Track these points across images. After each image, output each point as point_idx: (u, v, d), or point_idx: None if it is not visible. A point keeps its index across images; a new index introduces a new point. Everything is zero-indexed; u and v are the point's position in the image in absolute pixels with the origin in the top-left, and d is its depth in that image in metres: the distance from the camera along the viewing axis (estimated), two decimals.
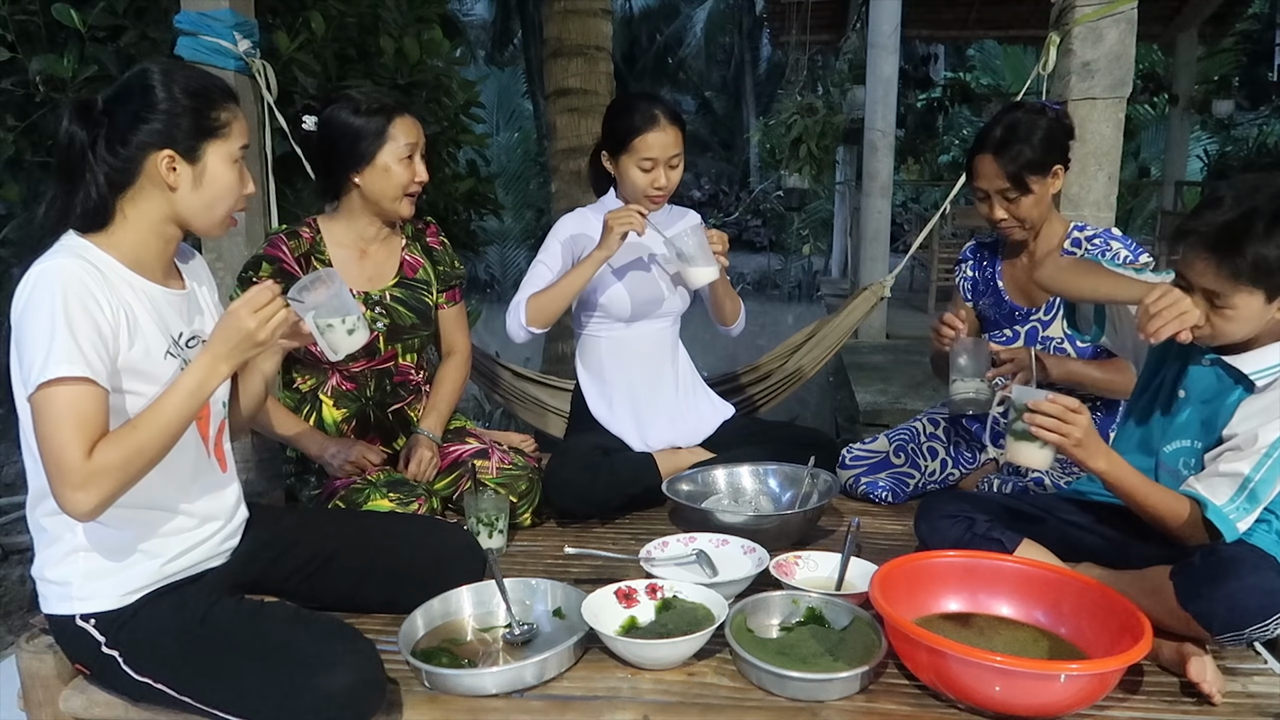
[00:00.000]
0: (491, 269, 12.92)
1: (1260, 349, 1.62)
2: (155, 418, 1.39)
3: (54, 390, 1.32)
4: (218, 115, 1.48)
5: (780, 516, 2.13)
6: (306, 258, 2.16)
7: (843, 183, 9.48)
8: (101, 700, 1.56)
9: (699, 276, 2.30)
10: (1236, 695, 1.53)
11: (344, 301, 1.64)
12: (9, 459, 4.36)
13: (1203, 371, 1.69)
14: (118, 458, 1.34)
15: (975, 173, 2.21)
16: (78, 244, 1.43)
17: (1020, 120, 2.16)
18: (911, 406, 4.16)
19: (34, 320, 1.34)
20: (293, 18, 2.88)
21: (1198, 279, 1.57)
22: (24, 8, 2.71)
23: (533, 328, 2.31)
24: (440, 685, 1.53)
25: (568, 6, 4.13)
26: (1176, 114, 9.12)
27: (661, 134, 2.30)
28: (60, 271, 1.36)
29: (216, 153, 1.49)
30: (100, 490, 1.33)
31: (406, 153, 2.12)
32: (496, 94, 13.76)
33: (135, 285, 1.47)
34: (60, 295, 1.34)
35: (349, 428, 2.25)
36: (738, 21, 19.34)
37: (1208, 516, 1.56)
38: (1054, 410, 1.60)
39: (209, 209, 1.52)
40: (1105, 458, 1.62)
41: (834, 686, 1.49)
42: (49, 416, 1.32)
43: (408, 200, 2.17)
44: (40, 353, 1.32)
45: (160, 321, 1.49)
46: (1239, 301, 1.54)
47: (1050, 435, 1.60)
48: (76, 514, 1.35)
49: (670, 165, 2.34)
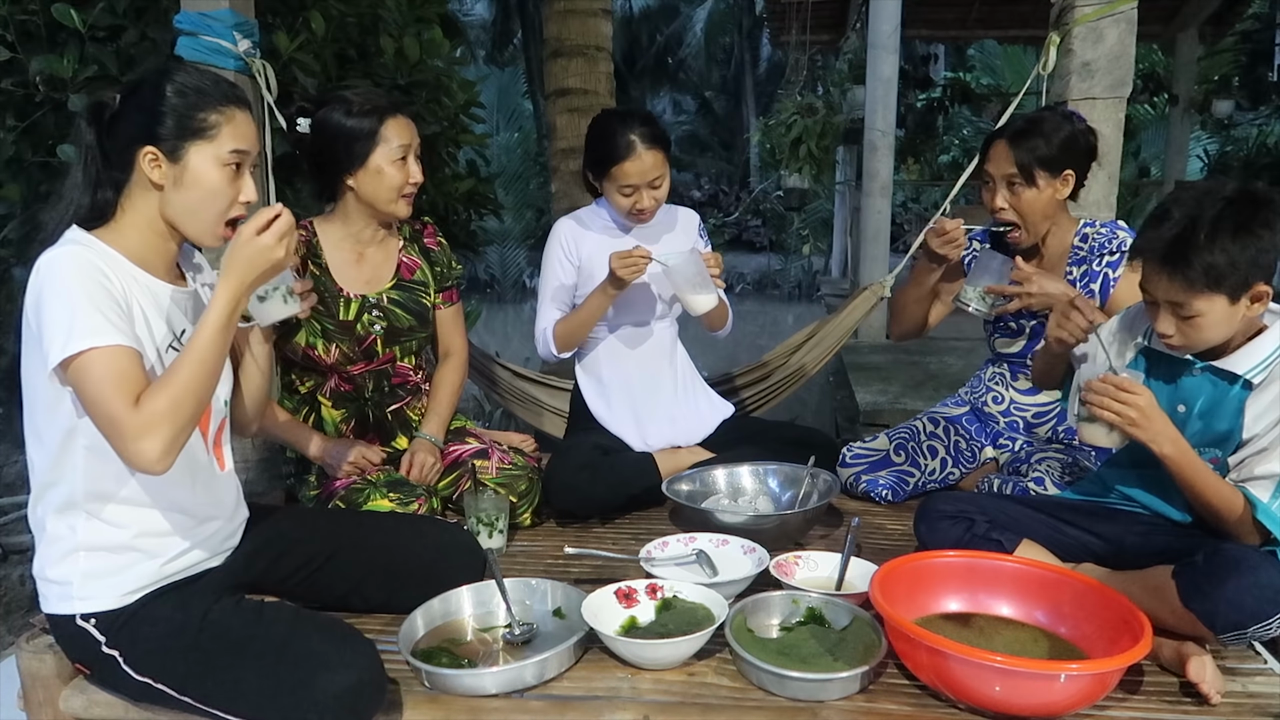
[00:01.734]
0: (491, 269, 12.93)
1: (1244, 347, 1.62)
2: (191, 357, 1.40)
3: (86, 359, 1.34)
4: (205, 117, 1.47)
5: (780, 516, 2.13)
6: (303, 261, 2.16)
7: (843, 183, 9.47)
8: (102, 700, 1.56)
9: (698, 304, 2.31)
10: (1236, 695, 1.53)
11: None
12: (9, 459, 4.36)
13: (1196, 381, 1.69)
14: (166, 402, 1.36)
15: (987, 156, 2.22)
16: (82, 238, 1.45)
17: (1046, 118, 2.19)
18: (911, 406, 4.16)
19: (52, 301, 1.36)
20: (293, 18, 2.88)
21: (1159, 294, 1.59)
22: (24, 8, 2.71)
23: (564, 354, 2.46)
24: (440, 685, 1.53)
25: (568, 6, 4.13)
26: (1176, 114, 9.11)
27: (638, 162, 2.29)
28: (71, 256, 1.39)
29: (201, 154, 1.48)
30: (160, 436, 1.34)
31: (399, 154, 2.11)
32: (496, 94, 13.77)
33: (139, 279, 1.48)
34: (74, 275, 1.37)
35: (348, 428, 2.25)
36: (738, 21, 19.35)
37: (1258, 517, 1.57)
38: (1103, 388, 1.59)
39: (193, 212, 1.50)
40: (1171, 442, 1.61)
41: (834, 686, 1.49)
42: (90, 382, 1.34)
43: (403, 201, 2.16)
44: (63, 329, 1.34)
45: (162, 316, 1.50)
46: (1201, 308, 1.55)
47: (1104, 414, 1.60)
48: (147, 465, 1.36)
49: (652, 186, 2.34)
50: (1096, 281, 2.22)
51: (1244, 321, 1.59)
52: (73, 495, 1.45)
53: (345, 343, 2.17)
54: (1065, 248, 2.28)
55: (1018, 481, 2.23)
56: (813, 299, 11.11)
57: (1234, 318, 1.57)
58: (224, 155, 1.50)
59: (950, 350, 5.55)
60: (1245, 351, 1.62)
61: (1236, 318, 1.57)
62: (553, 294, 2.47)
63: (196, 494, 1.57)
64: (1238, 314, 1.57)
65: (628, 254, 2.24)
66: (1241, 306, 1.56)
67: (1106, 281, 2.21)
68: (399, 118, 2.12)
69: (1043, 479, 2.18)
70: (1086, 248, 2.24)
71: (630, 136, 2.28)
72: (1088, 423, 1.67)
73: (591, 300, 2.36)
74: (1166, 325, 1.60)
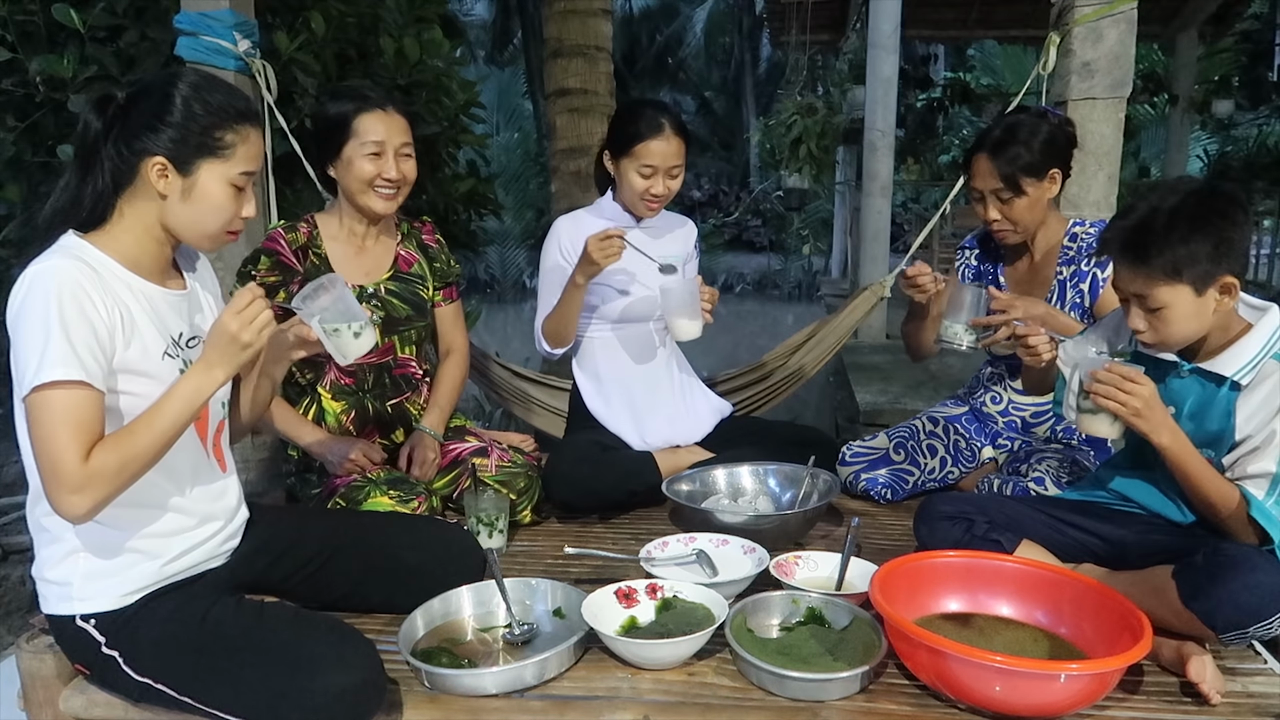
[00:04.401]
0: (491, 269, 12.93)
1: (1230, 348, 1.63)
2: (152, 423, 1.39)
3: (49, 394, 1.32)
4: (222, 136, 1.46)
5: (780, 516, 2.13)
6: (304, 250, 2.18)
7: (843, 183, 9.48)
8: (102, 700, 1.56)
9: (684, 331, 2.30)
10: (1236, 695, 1.53)
11: (349, 306, 1.64)
12: (9, 459, 4.36)
13: (1185, 383, 1.69)
14: (114, 462, 1.35)
15: (972, 172, 2.22)
16: (74, 244, 1.43)
17: (1021, 123, 2.17)
18: (911, 406, 4.16)
19: (28, 323, 1.34)
20: (293, 18, 2.88)
21: (1124, 287, 1.61)
22: (24, 8, 2.71)
23: (557, 350, 2.45)
24: (440, 685, 1.53)
25: (568, 6, 4.12)
26: (1176, 114, 9.12)
27: (665, 143, 2.32)
28: (55, 272, 1.36)
29: (212, 171, 1.47)
30: (95, 494, 1.34)
31: (372, 149, 2.10)
32: (496, 94, 13.77)
33: (133, 285, 1.47)
34: (55, 297, 1.34)
35: (348, 419, 2.25)
36: (738, 21, 19.36)
37: (1252, 514, 1.58)
38: (1109, 378, 1.60)
39: (195, 224, 1.50)
40: (1170, 433, 1.61)
41: (834, 686, 1.49)
42: (45, 420, 1.33)
43: (376, 195, 2.15)
44: (34, 356, 1.32)
45: (159, 322, 1.49)
46: (1165, 298, 1.56)
47: (1108, 403, 1.60)
48: (70, 516, 1.35)
49: (670, 174, 2.36)
50: (1085, 281, 2.22)
51: (1220, 316, 1.60)
52: None
53: None
54: (1054, 246, 2.28)
55: (1018, 481, 2.23)
56: (813, 299, 11.11)
57: (1204, 311, 1.57)
58: (234, 176, 1.49)
59: (950, 350, 5.53)
60: (1232, 352, 1.62)
61: (1207, 311, 1.58)
62: (551, 295, 2.47)
63: (198, 496, 1.57)
64: (1207, 307, 1.57)
65: (605, 235, 2.19)
66: (1209, 299, 1.56)
67: (1095, 282, 2.21)
68: (378, 112, 2.12)
69: (1043, 479, 2.18)
70: (1075, 248, 2.24)
71: (661, 119, 2.33)
72: (1090, 414, 1.68)
73: (567, 291, 2.33)
74: (1137, 320, 1.62)
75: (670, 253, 2.51)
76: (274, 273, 2.14)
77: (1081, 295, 2.22)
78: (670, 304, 2.29)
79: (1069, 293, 2.23)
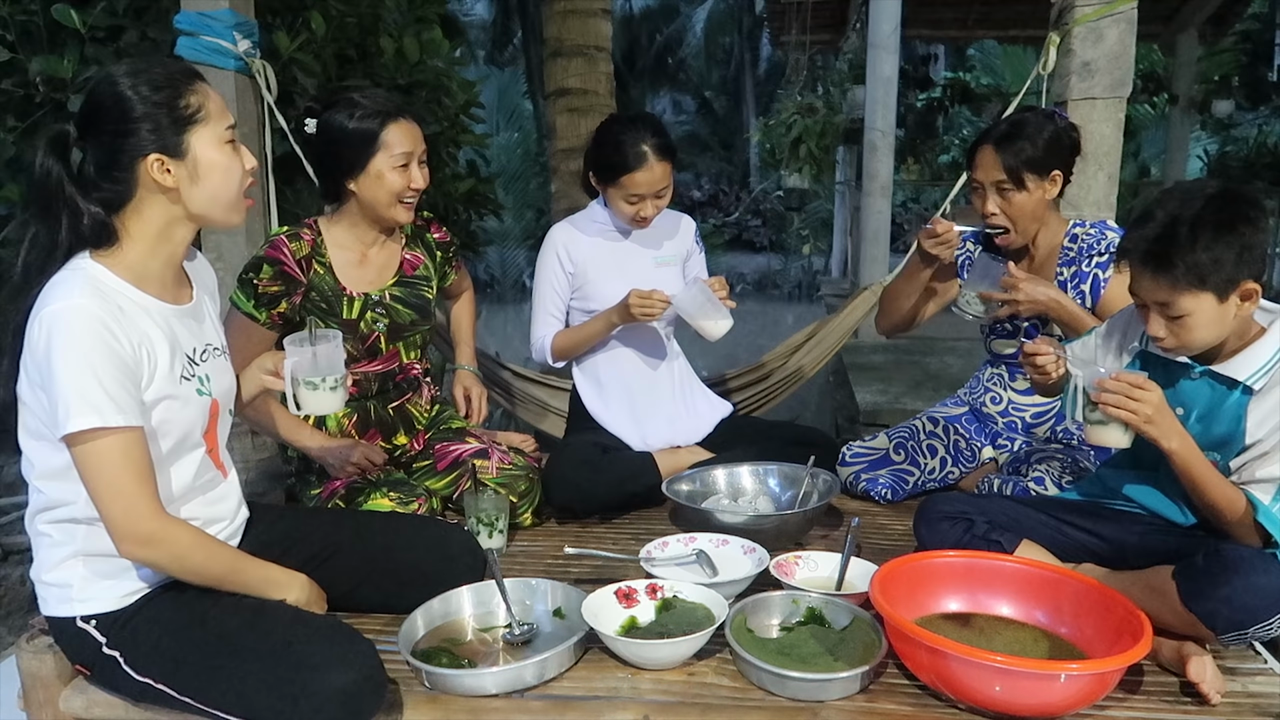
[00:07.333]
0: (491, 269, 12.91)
1: (1244, 351, 1.62)
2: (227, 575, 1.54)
3: (103, 441, 1.34)
4: (188, 102, 1.44)
5: (780, 516, 2.13)
6: (308, 260, 2.14)
7: (843, 183, 9.48)
8: (102, 701, 1.56)
9: (714, 330, 2.34)
10: (1236, 695, 1.53)
11: (333, 363, 1.69)
12: (9, 459, 4.35)
13: (1195, 386, 1.68)
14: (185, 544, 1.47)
15: (975, 164, 2.22)
16: (91, 272, 1.40)
17: (1028, 119, 2.18)
18: (911, 406, 4.16)
19: (63, 365, 1.32)
20: (293, 18, 2.89)
21: (1145, 295, 1.59)
22: (24, 8, 2.72)
23: (559, 364, 2.53)
24: (440, 685, 1.53)
25: (568, 6, 4.13)
26: (1176, 114, 9.12)
27: (649, 173, 2.31)
28: (78, 314, 1.34)
29: (201, 139, 1.45)
30: (155, 554, 1.44)
31: (401, 161, 2.09)
32: (496, 94, 13.74)
33: (150, 310, 1.46)
34: (86, 340, 1.33)
35: (350, 423, 2.25)
36: (738, 21, 19.34)
37: (1258, 519, 1.57)
38: (1117, 387, 1.59)
39: (216, 198, 1.49)
40: (1179, 438, 1.60)
41: (834, 686, 1.49)
42: (105, 466, 1.36)
43: (402, 207, 2.14)
44: (76, 398, 1.32)
45: (175, 343, 1.48)
46: (1188, 307, 1.54)
47: (1118, 412, 1.59)
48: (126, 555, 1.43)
49: (658, 196, 2.37)
50: (1086, 282, 2.22)
51: (1238, 321, 1.59)
52: (73, 514, 1.44)
53: (350, 341, 2.16)
54: (1055, 248, 2.28)
55: (1018, 481, 2.23)
56: (813, 299, 11.10)
57: (1225, 317, 1.56)
58: (221, 133, 1.48)
59: (950, 350, 5.55)
60: (1245, 356, 1.61)
61: (1228, 317, 1.57)
62: (548, 303, 2.49)
63: (201, 504, 1.57)
64: (1228, 313, 1.56)
65: (648, 296, 2.28)
66: (1231, 305, 1.55)
67: (1096, 282, 2.21)
68: (401, 122, 2.09)
69: (1043, 479, 2.18)
70: (1076, 248, 2.24)
71: (643, 147, 2.29)
72: (1099, 425, 1.66)
73: (597, 324, 2.41)
74: (1157, 327, 1.60)
75: (676, 252, 2.52)
76: (276, 282, 2.10)
77: (1083, 295, 2.22)
78: (688, 311, 2.31)
79: (1070, 293, 2.23)
